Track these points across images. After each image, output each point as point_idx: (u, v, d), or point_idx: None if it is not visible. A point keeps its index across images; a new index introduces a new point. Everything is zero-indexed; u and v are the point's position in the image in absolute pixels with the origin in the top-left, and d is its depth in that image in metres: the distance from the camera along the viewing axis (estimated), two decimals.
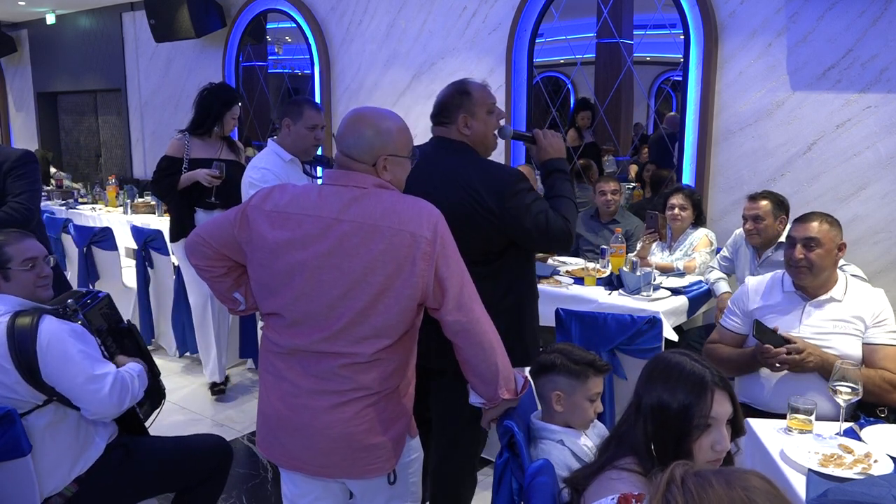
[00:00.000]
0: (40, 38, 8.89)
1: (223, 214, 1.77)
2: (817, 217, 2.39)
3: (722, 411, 1.41)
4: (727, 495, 0.88)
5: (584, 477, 1.47)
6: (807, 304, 2.38)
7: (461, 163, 2.12)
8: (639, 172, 4.85)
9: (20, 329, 1.87)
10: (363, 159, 1.67)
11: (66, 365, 1.88)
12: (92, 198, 6.47)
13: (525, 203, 2.07)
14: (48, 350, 1.86)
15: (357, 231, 1.61)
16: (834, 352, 2.27)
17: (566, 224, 2.13)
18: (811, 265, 2.33)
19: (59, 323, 1.93)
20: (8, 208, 3.00)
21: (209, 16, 6.35)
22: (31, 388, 1.88)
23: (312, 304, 1.63)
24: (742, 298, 2.53)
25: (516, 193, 2.07)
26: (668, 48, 4.44)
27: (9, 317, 1.90)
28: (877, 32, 3.58)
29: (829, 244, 2.34)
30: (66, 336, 1.91)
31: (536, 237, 2.10)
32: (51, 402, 1.94)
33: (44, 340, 1.87)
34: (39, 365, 1.86)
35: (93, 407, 1.93)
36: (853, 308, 2.33)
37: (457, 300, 1.65)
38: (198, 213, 3.73)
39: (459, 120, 2.14)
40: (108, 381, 1.93)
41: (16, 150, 3.12)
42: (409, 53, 5.41)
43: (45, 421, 1.95)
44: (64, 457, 1.99)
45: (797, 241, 2.37)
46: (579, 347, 1.93)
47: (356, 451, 1.68)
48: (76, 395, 1.92)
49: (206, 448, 2.28)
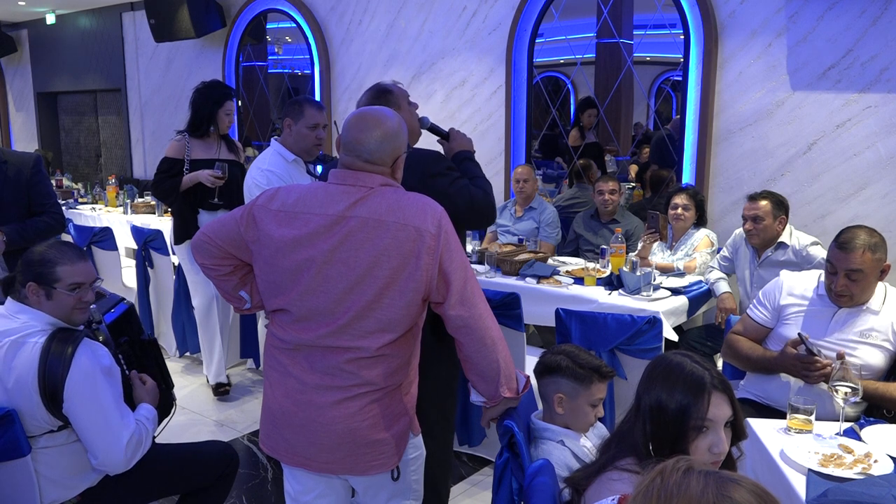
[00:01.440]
0: (40, 38, 8.89)
1: (229, 214, 1.79)
2: (861, 242, 2.20)
3: (720, 414, 1.40)
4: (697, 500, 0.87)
5: (585, 477, 1.47)
6: (839, 309, 2.30)
7: None
8: (639, 172, 4.85)
9: (55, 356, 1.82)
10: (384, 162, 1.71)
11: (89, 407, 1.85)
12: (92, 198, 6.47)
13: (448, 181, 2.16)
14: (77, 386, 1.83)
15: (363, 226, 1.63)
16: (859, 361, 2.21)
17: (486, 196, 2.22)
18: (853, 296, 2.24)
19: (93, 358, 1.88)
20: (49, 219, 3.06)
21: (209, 16, 6.35)
22: (49, 415, 1.86)
23: (319, 299, 1.65)
24: (774, 292, 2.46)
25: (439, 172, 2.16)
26: (668, 48, 4.44)
27: (45, 338, 1.86)
28: (877, 32, 3.58)
29: (873, 272, 2.22)
30: (98, 376, 1.86)
31: (463, 210, 2.15)
32: (65, 428, 1.92)
33: (75, 376, 1.83)
34: (63, 397, 1.83)
35: (102, 458, 1.89)
36: (889, 320, 2.25)
37: (460, 295, 1.67)
38: (201, 215, 3.71)
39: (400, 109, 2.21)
40: (124, 438, 1.89)
41: (28, 155, 3.12)
42: (409, 53, 5.41)
43: (57, 443, 1.93)
44: (71, 476, 1.97)
45: (840, 271, 2.22)
46: (585, 350, 1.93)
47: (360, 447, 1.70)
48: (89, 439, 1.88)
49: (212, 455, 2.26)
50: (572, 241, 4.38)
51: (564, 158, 5.09)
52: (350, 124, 1.73)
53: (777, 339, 2.40)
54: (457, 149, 2.39)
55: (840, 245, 2.24)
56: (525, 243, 4.15)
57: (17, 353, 1.84)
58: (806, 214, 3.84)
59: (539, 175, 5.05)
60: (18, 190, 2.99)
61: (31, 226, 2.99)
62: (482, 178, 2.30)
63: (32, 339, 1.86)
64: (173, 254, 4.18)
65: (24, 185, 3.00)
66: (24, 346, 1.85)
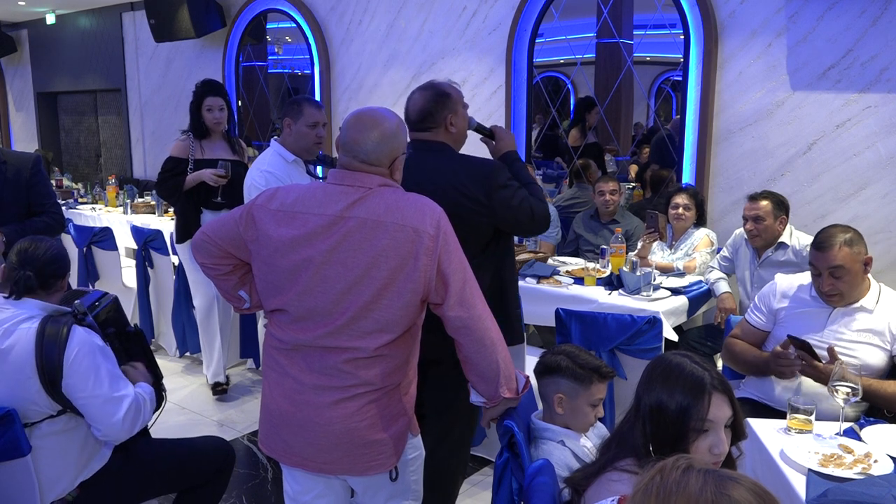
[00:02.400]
0: (40, 38, 8.89)
1: (228, 213, 1.80)
2: (836, 240, 2.25)
3: (720, 415, 1.40)
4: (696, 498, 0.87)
5: (584, 478, 1.47)
6: (834, 310, 2.32)
7: (444, 161, 2.21)
8: (639, 172, 4.85)
9: (50, 338, 1.85)
10: (381, 163, 1.71)
11: (89, 381, 1.87)
12: (92, 198, 6.47)
13: (511, 192, 2.18)
14: (74, 363, 1.85)
15: (361, 227, 1.63)
16: (858, 361, 2.22)
17: (544, 206, 2.26)
18: (842, 294, 2.27)
19: (88, 336, 1.92)
20: (49, 219, 3.08)
21: (209, 16, 6.35)
22: (48, 398, 1.87)
23: (317, 299, 1.65)
24: (769, 296, 2.49)
25: (503, 184, 2.17)
26: (668, 48, 4.44)
27: (38, 322, 1.89)
28: (877, 32, 3.58)
29: (856, 266, 2.25)
30: (96, 352, 1.90)
31: (525, 222, 2.21)
32: (64, 412, 1.93)
33: (72, 352, 1.86)
34: (63, 376, 1.85)
35: (105, 428, 1.92)
36: (884, 319, 2.27)
37: (459, 295, 1.67)
38: (204, 214, 3.72)
39: (447, 120, 2.22)
40: (124, 405, 1.92)
41: (27, 155, 3.13)
42: (409, 53, 5.41)
43: (56, 430, 1.94)
44: (70, 465, 1.98)
45: (823, 271, 2.26)
46: (585, 351, 1.93)
47: (358, 448, 1.69)
48: (91, 413, 1.91)
49: (209, 450, 2.27)
50: (572, 241, 4.38)
51: (564, 158, 5.09)
52: (348, 125, 1.73)
53: (775, 341, 2.41)
54: (504, 149, 2.38)
55: (817, 246, 2.29)
56: (525, 243, 4.15)
57: (11, 339, 1.87)
58: (806, 214, 3.84)
59: (539, 175, 5.05)
60: (18, 190, 3.00)
61: (30, 226, 2.99)
62: (534, 183, 2.31)
63: (24, 324, 1.89)
64: (174, 253, 4.18)
65: (23, 186, 3.01)
66: (16, 332, 1.88)
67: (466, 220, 2.11)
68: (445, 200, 2.08)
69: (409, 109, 2.24)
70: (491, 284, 2.23)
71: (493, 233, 2.22)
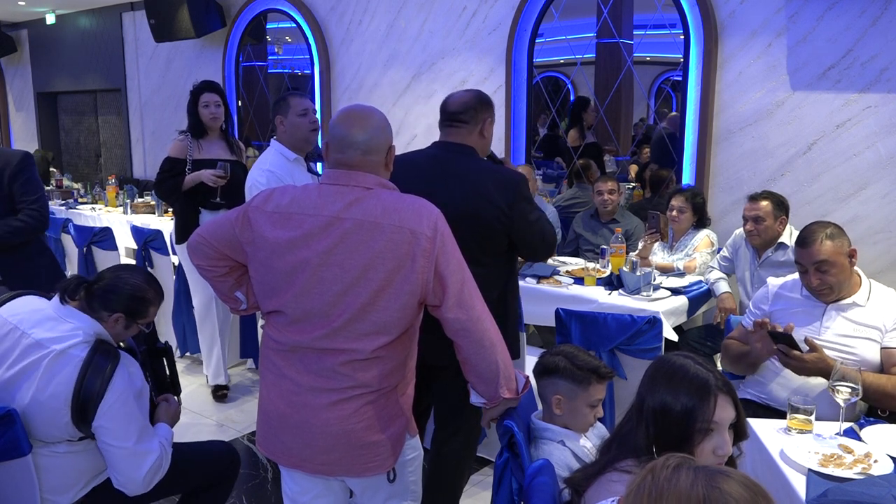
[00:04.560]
0: (40, 38, 8.89)
1: (224, 215, 1.80)
2: (817, 235, 2.28)
3: (725, 416, 1.40)
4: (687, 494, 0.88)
5: (584, 478, 1.47)
6: (828, 307, 2.33)
7: (471, 164, 2.24)
8: (639, 172, 4.85)
9: (94, 372, 1.83)
10: (379, 152, 1.72)
11: (119, 430, 1.87)
12: (92, 198, 6.47)
13: (531, 208, 2.23)
14: (110, 409, 1.84)
15: (358, 228, 1.63)
16: (856, 357, 2.23)
17: (554, 235, 2.34)
18: (832, 287, 2.28)
19: (128, 381, 1.89)
20: (25, 217, 3.01)
21: (209, 16, 6.35)
22: (73, 427, 1.87)
23: (314, 301, 1.65)
24: (763, 300, 2.51)
25: (526, 197, 2.22)
26: (668, 48, 4.44)
27: (87, 351, 1.86)
28: (877, 32, 3.58)
29: (840, 258, 2.27)
30: (132, 400, 1.89)
31: (536, 242, 2.26)
32: (84, 439, 1.93)
33: (110, 399, 1.84)
34: (95, 417, 1.84)
35: (124, 480, 1.91)
36: (876, 313, 2.28)
37: (457, 297, 1.66)
38: (203, 214, 3.71)
39: (485, 122, 2.28)
40: (147, 462, 1.91)
41: (15, 153, 3.09)
42: (409, 53, 5.40)
43: (75, 450, 1.94)
44: (80, 477, 1.98)
45: (808, 267, 2.29)
46: (584, 351, 1.92)
47: (355, 449, 1.69)
48: (114, 461, 1.90)
49: (215, 455, 2.27)
50: (572, 241, 4.38)
51: (564, 158, 5.09)
52: (338, 123, 1.72)
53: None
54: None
55: (800, 243, 2.33)
56: None
57: (59, 365, 1.84)
58: (806, 214, 3.84)
59: (539, 175, 5.05)
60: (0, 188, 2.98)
61: (2, 224, 2.95)
62: (542, 211, 2.37)
63: (75, 351, 1.86)
64: (174, 253, 4.18)
65: (5, 183, 2.99)
66: (66, 359, 1.85)
67: (486, 224, 2.16)
68: (469, 203, 2.15)
69: (451, 101, 2.28)
70: (497, 300, 2.24)
71: (507, 245, 2.26)
